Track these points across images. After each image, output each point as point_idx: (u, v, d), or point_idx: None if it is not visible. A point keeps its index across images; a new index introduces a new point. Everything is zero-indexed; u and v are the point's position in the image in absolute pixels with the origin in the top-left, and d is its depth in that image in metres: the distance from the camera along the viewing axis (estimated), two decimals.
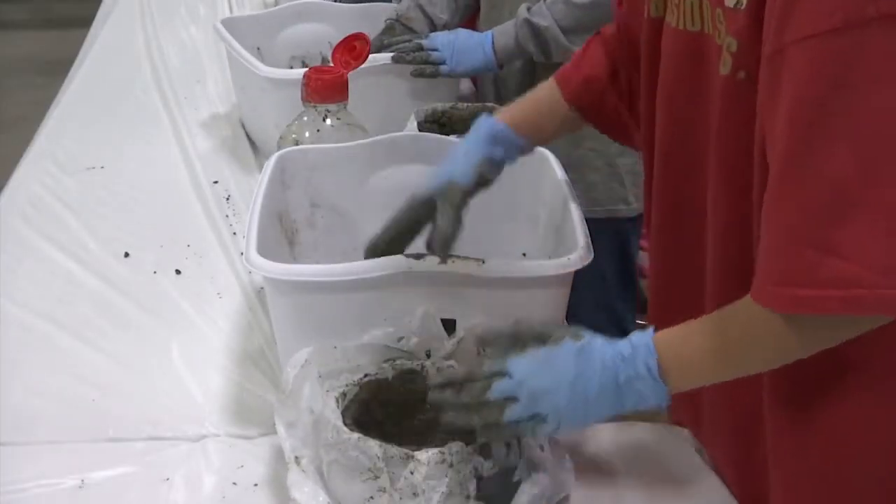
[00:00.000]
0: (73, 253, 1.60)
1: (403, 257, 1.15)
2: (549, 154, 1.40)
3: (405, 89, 1.91)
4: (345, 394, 1.09)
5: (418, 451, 0.98)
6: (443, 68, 1.88)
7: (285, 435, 1.06)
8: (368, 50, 1.69)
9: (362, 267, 1.15)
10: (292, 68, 2.09)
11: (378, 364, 1.14)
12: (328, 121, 1.55)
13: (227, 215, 1.72)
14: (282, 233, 1.42)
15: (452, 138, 1.51)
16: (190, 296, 1.50)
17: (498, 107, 1.77)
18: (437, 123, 1.75)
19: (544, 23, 1.80)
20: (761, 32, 0.88)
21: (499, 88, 2.03)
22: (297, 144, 1.51)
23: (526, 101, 1.28)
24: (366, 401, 1.11)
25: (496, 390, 0.95)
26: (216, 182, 1.84)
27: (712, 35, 0.97)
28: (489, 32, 1.88)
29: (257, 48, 2.04)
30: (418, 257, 1.14)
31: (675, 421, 1.23)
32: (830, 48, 0.81)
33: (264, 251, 1.17)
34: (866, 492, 0.99)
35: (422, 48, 1.89)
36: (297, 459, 1.05)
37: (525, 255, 1.43)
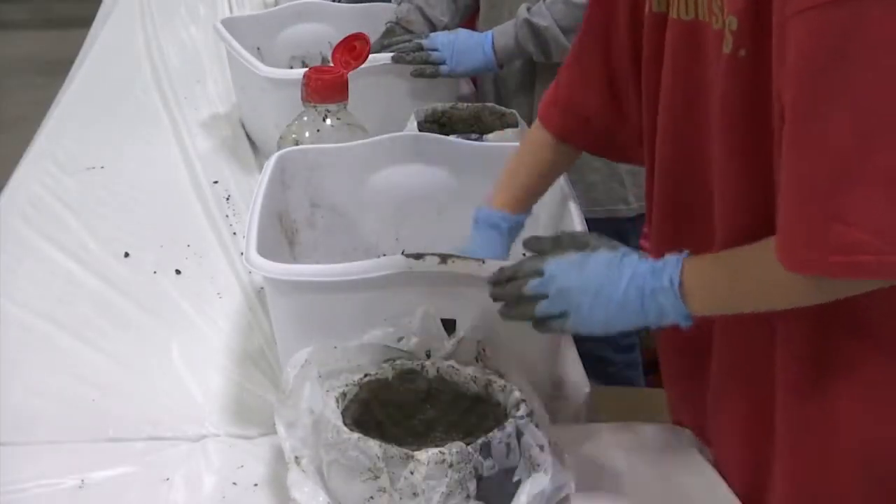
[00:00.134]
0: (73, 253, 1.60)
1: (403, 257, 1.14)
2: None
3: (405, 89, 1.91)
4: (345, 394, 1.09)
5: (418, 451, 0.98)
6: (443, 68, 1.88)
7: (285, 435, 1.06)
8: (368, 50, 1.69)
9: (362, 267, 1.15)
10: (292, 68, 2.09)
11: (378, 364, 1.14)
12: (328, 121, 1.55)
13: (227, 215, 1.72)
14: (282, 233, 1.42)
15: (452, 138, 1.51)
16: (190, 296, 1.50)
17: (497, 107, 1.78)
18: (437, 123, 1.75)
19: (544, 23, 1.80)
20: (760, 9, 0.90)
21: (499, 88, 2.03)
22: (297, 144, 1.51)
23: (516, 176, 1.27)
24: (366, 401, 1.11)
25: (530, 286, 1.02)
26: (216, 182, 1.84)
27: (708, 22, 0.98)
28: (489, 32, 1.88)
29: (257, 48, 2.05)
30: (418, 257, 1.14)
31: (676, 421, 1.23)
32: (829, 19, 0.82)
33: (264, 251, 1.17)
34: (870, 493, 0.99)
35: (422, 48, 1.89)
36: (297, 459, 1.05)
37: (525, 255, 1.43)
